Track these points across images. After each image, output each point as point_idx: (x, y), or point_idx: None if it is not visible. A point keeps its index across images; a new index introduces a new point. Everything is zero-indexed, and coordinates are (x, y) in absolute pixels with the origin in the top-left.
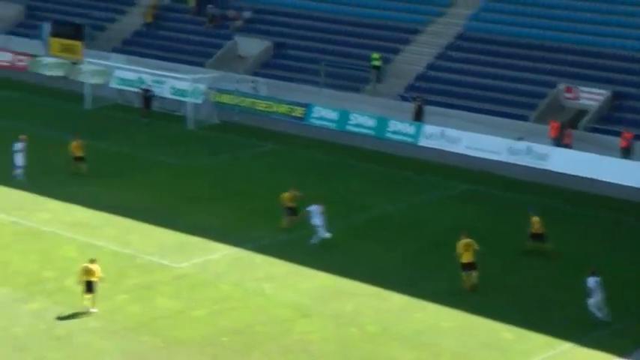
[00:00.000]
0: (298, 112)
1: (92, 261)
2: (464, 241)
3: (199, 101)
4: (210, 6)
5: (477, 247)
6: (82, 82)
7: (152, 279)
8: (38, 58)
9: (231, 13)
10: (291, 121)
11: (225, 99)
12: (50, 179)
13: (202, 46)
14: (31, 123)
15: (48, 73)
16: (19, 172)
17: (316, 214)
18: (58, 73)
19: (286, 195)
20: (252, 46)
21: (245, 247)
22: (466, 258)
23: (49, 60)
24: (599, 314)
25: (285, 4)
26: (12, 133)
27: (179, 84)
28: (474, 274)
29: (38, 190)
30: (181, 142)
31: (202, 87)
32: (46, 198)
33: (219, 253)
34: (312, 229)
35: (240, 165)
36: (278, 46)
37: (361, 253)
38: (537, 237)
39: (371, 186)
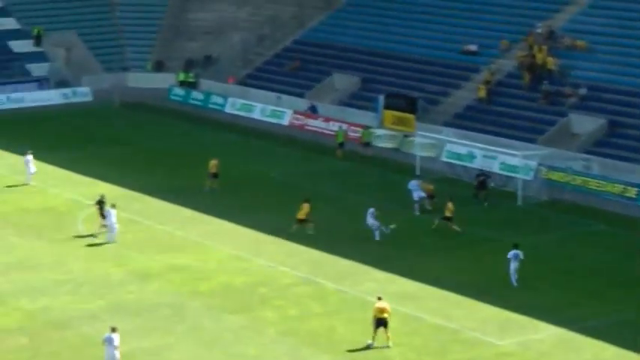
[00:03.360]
0: (632, 192)
1: (379, 299)
2: None
3: (529, 178)
4: (545, 82)
5: None
6: (413, 155)
7: (474, 355)
8: (371, 130)
9: (566, 89)
10: (623, 202)
11: (556, 176)
12: (377, 251)
13: (535, 122)
14: (359, 192)
15: (380, 144)
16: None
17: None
18: (390, 145)
19: None
20: (586, 124)
21: (571, 327)
22: None
23: (381, 132)
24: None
25: (622, 82)
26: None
27: (509, 159)
28: None
29: (365, 260)
30: (509, 218)
31: (533, 163)
32: (372, 268)
33: (545, 332)
34: None
35: (569, 244)
36: (612, 124)
37: None
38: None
39: None
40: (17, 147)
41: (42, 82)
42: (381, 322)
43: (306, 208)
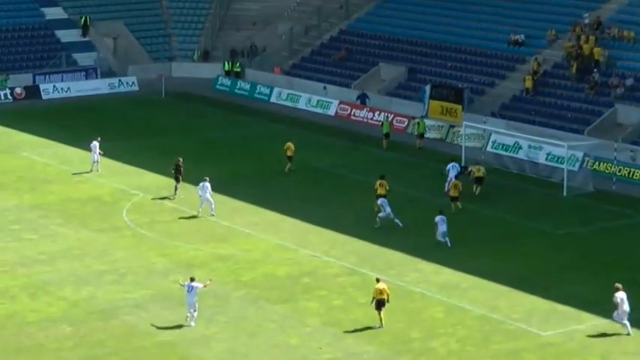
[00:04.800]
0: None
1: (378, 280)
2: None
3: (575, 168)
4: (595, 71)
5: None
6: (459, 145)
7: (517, 346)
8: (417, 120)
9: (613, 80)
10: None
11: (602, 167)
12: (422, 241)
13: (582, 112)
14: (404, 183)
15: (426, 135)
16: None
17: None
18: (436, 135)
19: None
20: (633, 115)
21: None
22: None
23: (427, 122)
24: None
25: None
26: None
27: (555, 150)
28: None
29: (409, 250)
30: (554, 209)
31: (579, 154)
32: (417, 259)
33: (588, 323)
34: None
35: (614, 235)
36: None
37: None
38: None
39: None
40: (63, 137)
41: (88, 72)
42: (380, 303)
43: (385, 184)
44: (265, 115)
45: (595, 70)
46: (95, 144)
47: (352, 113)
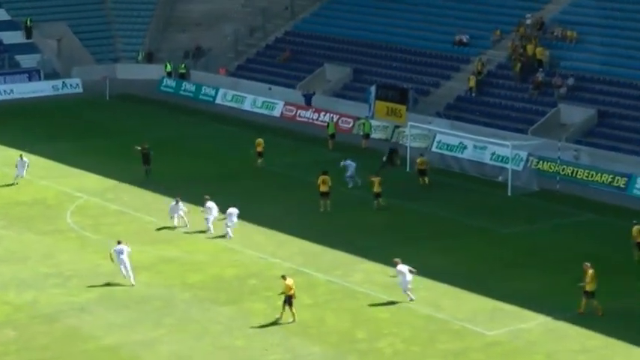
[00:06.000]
0: (620, 182)
1: (284, 277)
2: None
3: (519, 168)
4: (540, 69)
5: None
6: (404, 146)
7: (463, 345)
8: (362, 121)
9: (556, 80)
10: (612, 192)
11: (546, 167)
12: (366, 241)
13: (525, 112)
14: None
15: (372, 135)
16: None
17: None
18: (381, 135)
19: None
20: (576, 114)
21: (559, 317)
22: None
23: (373, 122)
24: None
25: (611, 72)
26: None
27: (500, 150)
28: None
29: (354, 250)
30: (499, 208)
31: (523, 154)
32: (363, 259)
33: (533, 322)
34: None
35: (558, 234)
36: (602, 114)
37: None
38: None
39: None
40: (6, 139)
41: (32, 74)
42: (290, 299)
43: (327, 180)
44: (210, 116)
45: (540, 70)
46: (26, 161)
47: (298, 114)
